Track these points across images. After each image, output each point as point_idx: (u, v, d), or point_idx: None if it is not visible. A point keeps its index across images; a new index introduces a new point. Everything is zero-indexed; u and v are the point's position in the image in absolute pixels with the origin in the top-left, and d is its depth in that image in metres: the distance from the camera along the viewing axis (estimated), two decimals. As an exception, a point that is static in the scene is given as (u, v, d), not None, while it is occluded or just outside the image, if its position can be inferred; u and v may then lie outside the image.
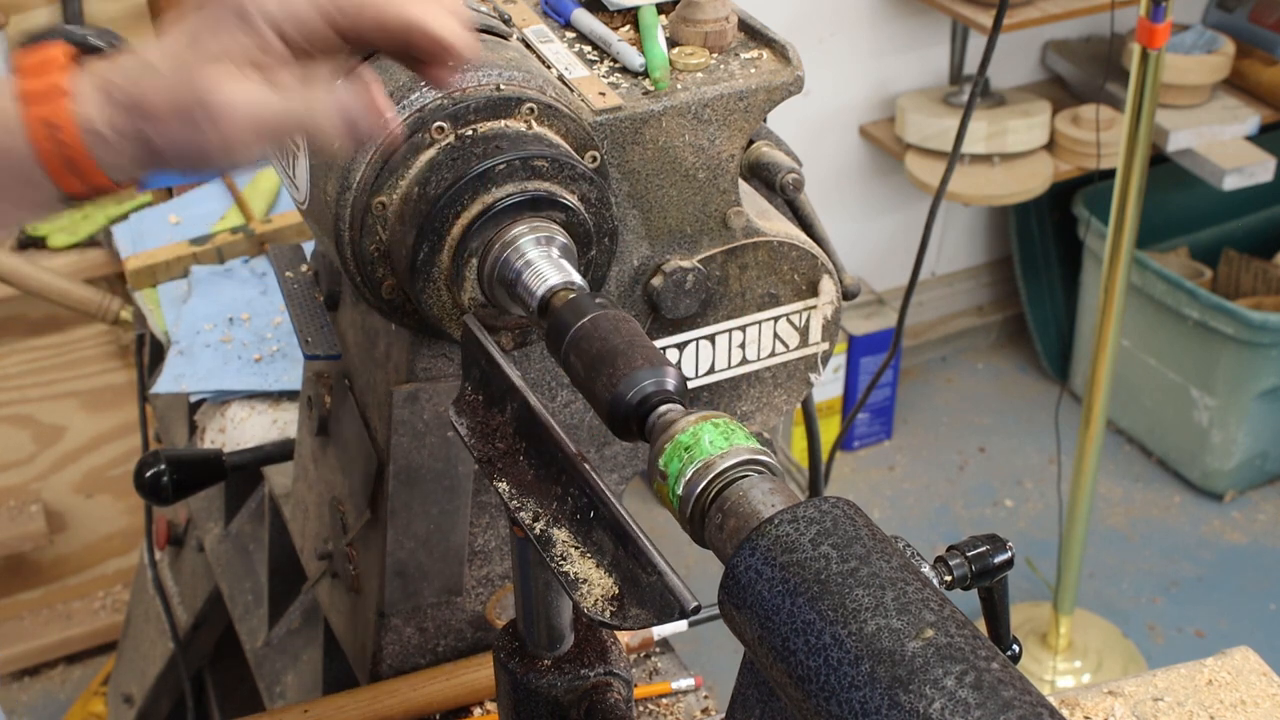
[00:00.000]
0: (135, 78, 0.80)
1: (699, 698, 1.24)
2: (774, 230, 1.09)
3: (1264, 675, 1.17)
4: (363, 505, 1.15)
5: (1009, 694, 0.60)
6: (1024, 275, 3.57)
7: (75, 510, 2.73)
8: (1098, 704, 1.15)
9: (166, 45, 0.81)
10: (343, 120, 0.80)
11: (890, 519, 3.22)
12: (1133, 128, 2.31)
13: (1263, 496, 3.29)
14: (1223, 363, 3.12)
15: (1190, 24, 3.31)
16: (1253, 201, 3.44)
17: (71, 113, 0.79)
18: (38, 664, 2.82)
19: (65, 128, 0.79)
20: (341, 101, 0.80)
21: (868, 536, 0.69)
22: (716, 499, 0.75)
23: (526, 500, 0.83)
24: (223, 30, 0.80)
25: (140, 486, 1.37)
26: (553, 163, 0.92)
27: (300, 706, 1.19)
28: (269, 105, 0.79)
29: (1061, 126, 3.19)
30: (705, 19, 1.06)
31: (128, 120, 0.79)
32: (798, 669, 0.66)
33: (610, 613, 0.76)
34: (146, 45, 0.83)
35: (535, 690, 0.95)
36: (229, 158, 0.80)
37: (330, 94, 0.80)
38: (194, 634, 1.69)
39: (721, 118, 1.03)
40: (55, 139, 0.79)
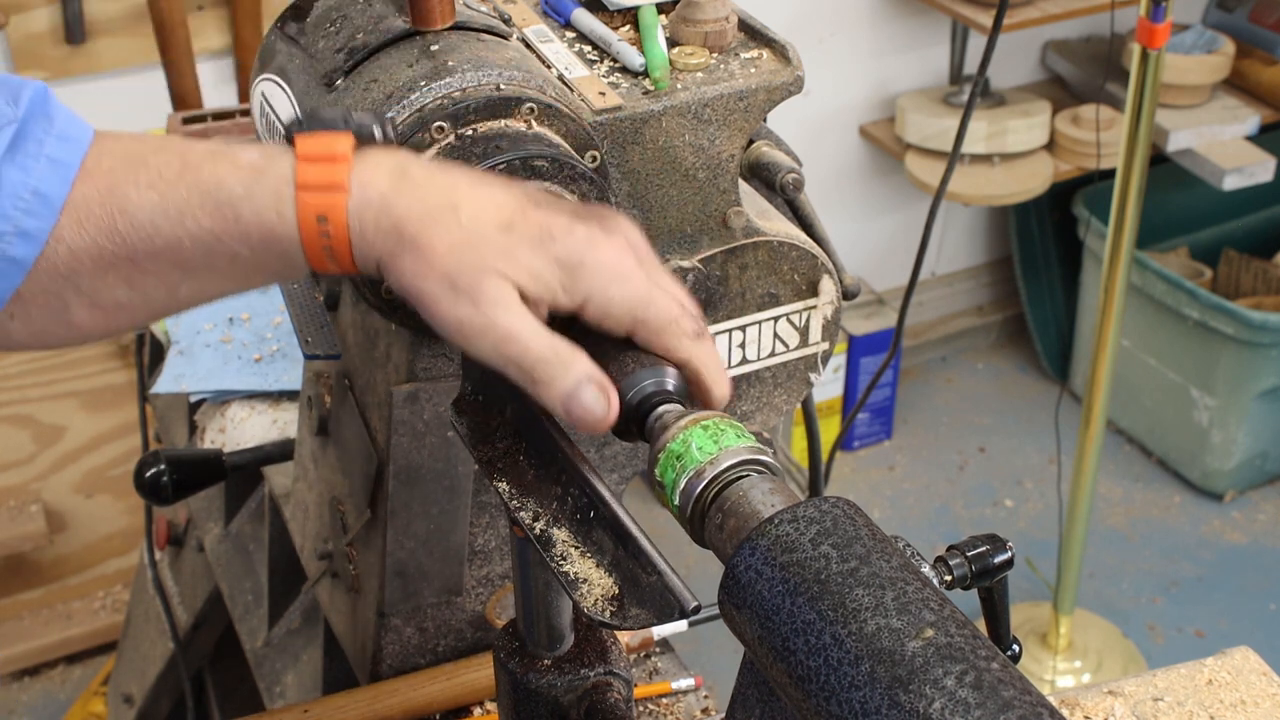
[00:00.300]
0: (429, 209, 0.79)
1: (699, 698, 1.24)
2: (774, 230, 1.09)
3: (1264, 675, 1.17)
4: (363, 505, 1.15)
5: (1009, 694, 0.60)
6: (1024, 275, 3.57)
7: (75, 510, 2.73)
8: (1098, 704, 1.15)
9: (480, 205, 0.80)
10: (570, 399, 0.78)
11: (890, 519, 3.21)
12: (1133, 128, 2.31)
13: (1263, 496, 3.29)
14: (1223, 363, 3.12)
15: (1190, 24, 3.31)
16: (1253, 201, 3.44)
17: (346, 211, 0.79)
18: (38, 664, 2.82)
19: (336, 224, 0.79)
20: (580, 382, 0.79)
21: (868, 536, 0.69)
22: (716, 500, 0.75)
23: (526, 500, 0.83)
24: (541, 251, 0.79)
25: (140, 486, 1.37)
26: (553, 162, 0.92)
27: (300, 706, 1.19)
28: (526, 337, 0.78)
29: (1061, 126, 3.19)
30: (705, 19, 1.06)
31: (395, 241, 0.79)
32: (798, 669, 0.66)
33: (610, 613, 0.76)
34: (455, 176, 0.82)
35: (535, 690, 0.95)
36: (461, 340, 0.80)
37: (577, 368, 0.79)
38: (194, 634, 1.69)
39: (721, 118, 1.03)
40: (323, 230, 0.79)
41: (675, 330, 0.81)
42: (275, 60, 1.03)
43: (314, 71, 0.98)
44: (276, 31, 1.05)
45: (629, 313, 0.81)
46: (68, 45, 2.53)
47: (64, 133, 0.81)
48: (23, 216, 0.79)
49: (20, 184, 0.79)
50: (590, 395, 0.78)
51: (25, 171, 0.79)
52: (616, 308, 0.81)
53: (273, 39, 1.05)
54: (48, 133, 0.80)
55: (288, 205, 0.79)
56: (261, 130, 1.06)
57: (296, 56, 1.01)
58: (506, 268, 0.79)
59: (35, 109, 0.81)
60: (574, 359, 0.79)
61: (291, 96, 1.00)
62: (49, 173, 0.79)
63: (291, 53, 1.02)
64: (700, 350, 0.82)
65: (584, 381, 0.78)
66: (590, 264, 0.80)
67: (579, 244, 0.80)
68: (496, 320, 0.78)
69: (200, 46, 2.46)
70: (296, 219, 0.79)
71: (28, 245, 0.79)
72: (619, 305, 0.81)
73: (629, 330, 0.81)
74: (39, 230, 0.79)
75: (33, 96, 0.81)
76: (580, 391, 0.78)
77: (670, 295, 0.82)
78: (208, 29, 2.57)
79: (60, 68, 2.55)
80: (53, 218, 0.79)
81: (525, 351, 0.78)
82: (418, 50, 0.95)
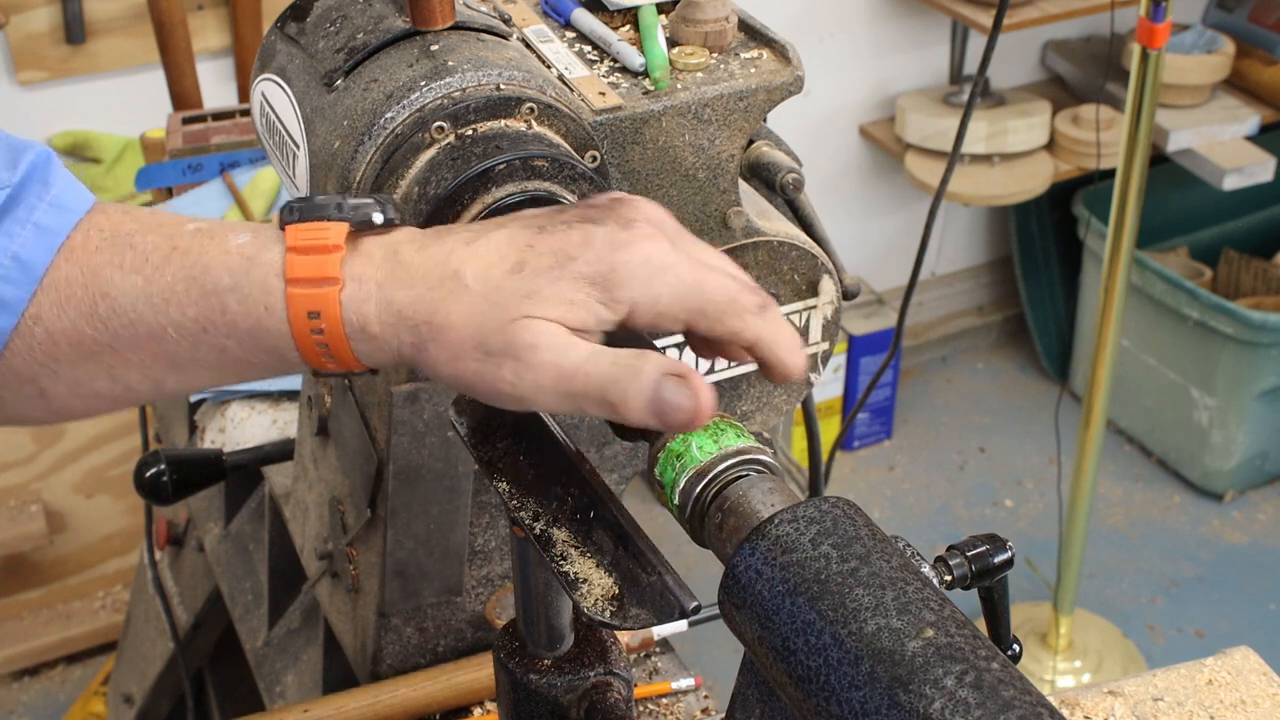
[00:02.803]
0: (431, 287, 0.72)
1: (699, 698, 1.24)
2: (774, 230, 1.09)
3: (1264, 675, 1.17)
4: (363, 505, 1.15)
5: (1009, 694, 0.60)
6: (1024, 275, 3.57)
7: (75, 510, 2.73)
8: (1098, 704, 1.15)
9: (483, 260, 0.73)
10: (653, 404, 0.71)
11: (890, 519, 3.22)
12: (1133, 128, 2.31)
13: (1263, 496, 3.29)
14: (1223, 363, 3.12)
15: (1190, 24, 3.31)
16: (1253, 201, 3.45)
17: (340, 304, 0.73)
18: (38, 664, 2.82)
19: (330, 320, 0.73)
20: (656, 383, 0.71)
21: (868, 536, 0.69)
22: (715, 499, 0.75)
23: (526, 500, 0.83)
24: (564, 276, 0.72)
25: (140, 486, 1.37)
26: (553, 162, 0.92)
27: (300, 706, 1.19)
28: (582, 366, 0.71)
29: (1061, 126, 3.19)
30: (705, 19, 1.06)
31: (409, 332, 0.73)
32: (798, 669, 0.66)
33: (610, 613, 0.76)
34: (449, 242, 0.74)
35: (535, 690, 0.95)
36: (518, 402, 0.73)
37: (647, 370, 0.71)
38: (194, 634, 1.69)
39: (721, 118, 1.03)
40: (316, 327, 0.73)
41: (737, 309, 0.74)
42: (275, 60, 1.03)
43: (314, 71, 0.98)
44: (276, 31, 1.05)
45: (682, 306, 0.73)
46: (68, 45, 2.53)
47: (58, 200, 0.77)
48: (1, 284, 0.75)
49: (2, 249, 0.75)
50: (672, 390, 0.71)
51: (9, 237, 0.75)
52: (667, 304, 0.73)
53: (273, 39, 1.05)
54: (41, 199, 0.76)
55: (277, 299, 0.74)
56: (261, 130, 1.06)
57: (296, 56, 1.01)
58: (533, 308, 0.71)
59: (33, 174, 0.77)
60: (640, 361, 0.71)
61: (291, 96, 1.00)
62: (33, 240, 0.75)
63: (291, 53, 1.02)
64: (769, 325, 0.75)
65: (659, 380, 0.71)
66: (622, 268, 0.72)
67: (601, 251, 0.72)
68: (545, 364, 0.71)
69: (200, 46, 2.46)
70: (287, 315, 0.73)
71: (3, 314, 0.75)
72: (669, 301, 0.73)
73: (688, 324, 0.74)
74: (15, 299, 0.75)
75: (33, 161, 0.77)
76: (661, 392, 0.70)
77: (720, 271, 0.75)
78: (208, 29, 2.57)
79: (60, 68, 2.55)
80: (31, 286, 0.75)
81: (588, 380, 0.71)
82: (418, 50, 0.95)
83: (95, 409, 0.80)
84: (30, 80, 2.55)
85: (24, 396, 0.78)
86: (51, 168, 0.78)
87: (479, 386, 0.73)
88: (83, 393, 0.78)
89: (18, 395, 0.78)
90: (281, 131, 1.01)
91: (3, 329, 0.75)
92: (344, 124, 0.93)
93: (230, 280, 0.74)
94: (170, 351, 0.76)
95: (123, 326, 0.75)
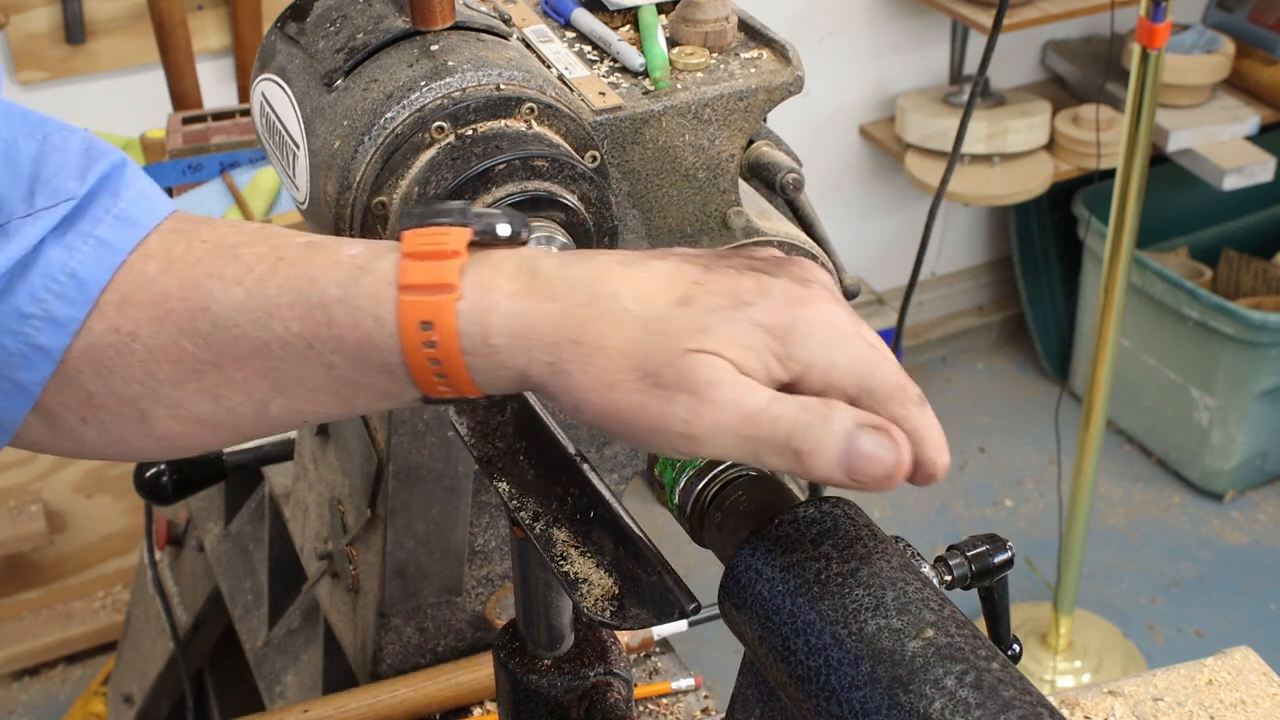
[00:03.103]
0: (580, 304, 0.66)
1: (699, 698, 1.24)
2: (774, 230, 1.09)
3: (1264, 675, 1.17)
4: (363, 505, 1.15)
5: (1009, 694, 0.60)
6: (1024, 275, 3.57)
7: (75, 510, 2.73)
8: (1098, 704, 1.15)
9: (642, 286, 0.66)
10: (847, 455, 0.64)
11: (890, 519, 3.21)
12: (1133, 128, 2.31)
13: (1263, 496, 3.29)
14: (1223, 363, 3.12)
15: (1190, 24, 3.31)
16: (1253, 201, 3.45)
17: (455, 314, 0.66)
18: (38, 664, 2.82)
19: (444, 332, 0.66)
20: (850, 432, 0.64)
21: (868, 537, 0.69)
22: (715, 499, 0.75)
23: (526, 500, 0.83)
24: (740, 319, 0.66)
25: (140, 486, 1.37)
26: (553, 162, 0.92)
27: (300, 706, 1.19)
28: (768, 408, 0.65)
29: (1061, 126, 3.19)
30: (705, 19, 1.06)
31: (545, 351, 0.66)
32: (798, 669, 0.66)
33: (610, 613, 0.76)
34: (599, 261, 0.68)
35: (535, 690, 0.95)
36: (686, 442, 0.66)
37: (840, 418, 0.65)
38: (194, 634, 1.69)
39: (721, 118, 1.03)
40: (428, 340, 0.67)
41: (903, 396, 0.67)
42: (275, 60, 1.03)
43: (314, 71, 0.98)
44: (276, 31, 1.05)
45: (855, 379, 0.66)
46: (68, 45, 2.53)
47: (125, 214, 0.72)
48: (54, 301, 0.70)
49: (59, 264, 0.70)
50: (870, 442, 0.64)
51: (69, 251, 0.70)
52: (841, 374, 0.66)
53: (273, 39, 1.05)
54: (107, 212, 0.72)
55: (387, 309, 0.67)
56: (261, 130, 1.06)
57: (296, 56, 1.01)
58: (708, 343, 0.65)
59: (104, 185, 0.72)
60: (830, 409, 0.65)
61: (291, 96, 1.00)
62: (93, 256, 0.70)
63: (291, 53, 1.02)
64: (925, 418, 0.68)
65: (855, 430, 0.64)
66: (803, 325, 0.66)
67: (781, 303, 0.66)
68: (727, 404, 0.64)
69: (200, 46, 2.46)
70: (397, 325, 0.67)
71: (57, 333, 0.70)
72: (844, 371, 0.66)
73: (852, 400, 0.67)
74: (69, 318, 0.70)
75: (106, 171, 0.72)
76: (857, 443, 0.64)
77: (887, 354, 0.69)
78: (208, 29, 2.57)
79: (60, 68, 2.55)
80: (86, 306, 0.70)
81: (775, 425, 0.64)
82: (418, 50, 0.95)
83: (197, 437, 0.74)
84: (30, 80, 2.55)
85: (125, 420, 0.73)
86: (123, 176, 0.74)
87: (637, 420, 0.66)
88: (184, 416, 0.73)
89: (119, 418, 0.73)
90: (281, 131, 1.01)
91: (54, 348, 0.71)
92: (344, 124, 0.93)
93: (338, 291, 0.68)
94: (275, 370, 0.70)
95: (225, 342, 0.70)
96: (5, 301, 0.70)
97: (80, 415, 0.73)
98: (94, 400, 0.72)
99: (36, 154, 0.72)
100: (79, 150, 0.73)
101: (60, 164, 0.72)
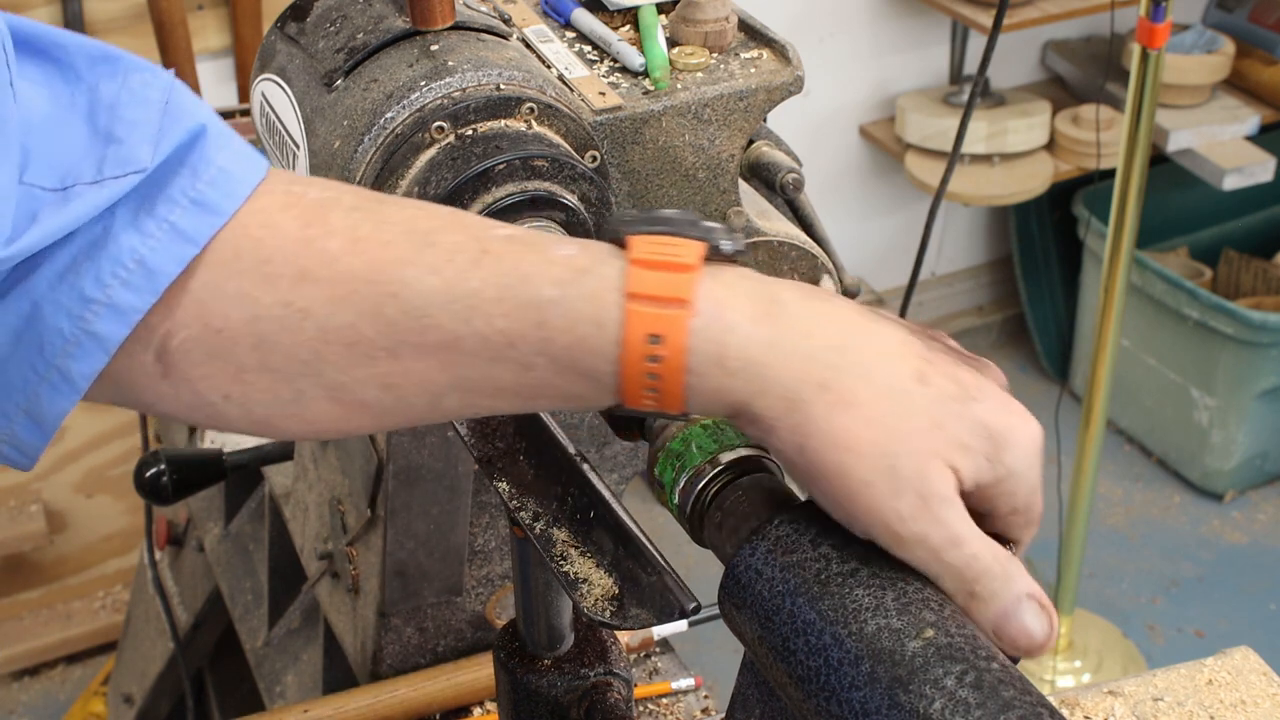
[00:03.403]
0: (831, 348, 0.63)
1: (699, 698, 1.24)
2: (774, 230, 1.09)
3: (1264, 675, 1.17)
4: (363, 505, 1.15)
5: (1009, 694, 0.60)
6: (1024, 275, 3.57)
7: (75, 510, 2.73)
8: (1098, 704, 1.15)
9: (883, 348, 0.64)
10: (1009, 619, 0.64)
11: (890, 519, 3.21)
12: (1133, 128, 2.31)
13: (1263, 496, 3.29)
14: (1223, 363, 3.12)
15: (1190, 24, 3.31)
16: (1253, 201, 3.45)
17: (688, 333, 0.63)
18: (38, 664, 2.82)
19: (672, 348, 0.63)
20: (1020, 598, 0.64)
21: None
22: (715, 499, 0.75)
23: (526, 500, 0.83)
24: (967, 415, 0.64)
25: (140, 486, 1.37)
26: (553, 162, 0.92)
27: (300, 706, 1.19)
28: (973, 543, 0.64)
29: (1061, 126, 3.19)
30: (705, 19, 1.06)
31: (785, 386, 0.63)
32: (798, 669, 0.66)
33: (610, 613, 0.76)
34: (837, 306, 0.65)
35: (535, 690, 0.95)
36: (880, 529, 0.64)
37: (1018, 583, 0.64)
38: (194, 634, 1.69)
39: (721, 118, 1.03)
40: (652, 354, 0.63)
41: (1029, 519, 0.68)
42: (275, 60, 1.03)
43: (314, 71, 0.99)
44: (276, 31, 1.05)
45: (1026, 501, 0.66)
46: (68, 45, 2.53)
47: (203, 198, 0.66)
48: (119, 288, 0.65)
49: (129, 249, 0.65)
50: (1031, 615, 0.64)
51: (141, 235, 0.65)
52: (1024, 493, 0.66)
53: (273, 39, 1.05)
54: (185, 194, 0.66)
55: (611, 316, 0.63)
56: (261, 130, 1.06)
57: (296, 56, 1.01)
58: (941, 444, 0.63)
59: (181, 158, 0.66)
60: (1015, 570, 0.65)
61: (291, 96, 1.00)
62: (165, 244, 0.65)
63: (291, 53, 1.02)
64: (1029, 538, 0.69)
65: (1024, 598, 0.64)
66: (1016, 434, 0.65)
67: (998, 404, 0.65)
68: (945, 523, 0.63)
69: (200, 46, 2.46)
70: (621, 335, 0.63)
71: (116, 322, 0.65)
72: (1026, 491, 0.66)
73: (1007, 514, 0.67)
74: (131, 307, 0.65)
75: (183, 141, 0.66)
76: (1020, 610, 0.64)
77: None
78: (208, 29, 2.57)
79: (60, 68, 2.55)
80: (152, 297, 0.65)
81: (973, 561, 0.64)
82: (418, 50, 0.95)
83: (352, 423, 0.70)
84: (30, 80, 2.54)
85: (276, 399, 0.68)
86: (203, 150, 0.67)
87: (856, 492, 0.63)
88: (345, 400, 0.68)
89: (269, 397, 0.68)
90: (281, 131, 1.01)
91: (112, 337, 0.65)
92: (344, 124, 0.93)
93: (555, 292, 0.64)
94: (460, 365, 0.66)
95: (411, 332, 0.65)
96: (66, 281, 0.65)
97: (224, 392, 0.68)
98: (244, 376, 0.68)
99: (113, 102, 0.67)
100: (158, 106, 0.67)
101: (135, 121, 0.66)
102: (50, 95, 0.67)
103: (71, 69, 0.68)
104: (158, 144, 0.65)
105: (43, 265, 0.65)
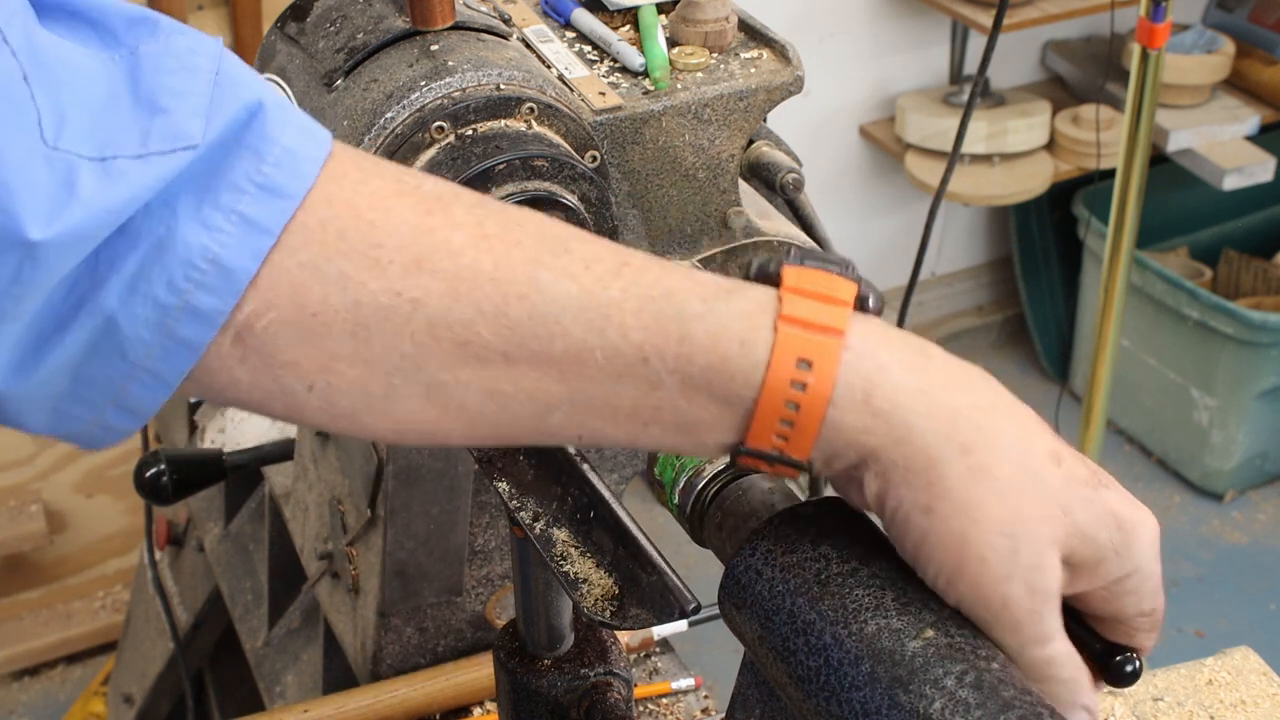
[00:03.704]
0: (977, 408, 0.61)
1: (699, 698, 1.24)
2: (774, 230, 1.09)
3: (1264, 675, 1.17)
4: (363, 505, 1.15)
5: (1009, 694, 0.60)
6: (1024, 275, 3.57)
7: (75, 510, 2.73)
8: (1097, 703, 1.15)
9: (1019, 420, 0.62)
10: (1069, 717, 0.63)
11: (890, 519, 3.21)
12: (1133, 128, 2.31)
13: (1263, 496, 3.29)
14: (1223, 363, 3.12)
15: (1190, 24, 3.31)
16: (1253, 201, 3.44)
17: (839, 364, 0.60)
18: (38, 664, 2.82)
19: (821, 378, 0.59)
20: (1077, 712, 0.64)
21: (868, 537, 0.69)
22: (715, 499, 0.75)
23: (526, 500, 0.83)
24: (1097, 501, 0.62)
25: (140, 486, 1.37)
26: (553, 162, 0.92)
27: (300, 706, 1.19)
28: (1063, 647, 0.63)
29: (1061, 126, 3.19)
30: (705, 19, 1.06)
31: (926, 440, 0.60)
32: (798, 669, 0.66)
33: (610, 613, 0.76)
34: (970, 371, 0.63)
35: (535, 690, 0.95)
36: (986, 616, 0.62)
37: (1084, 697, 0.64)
38: (194, 634, 1.69)
39: (721, 118, 1.03)
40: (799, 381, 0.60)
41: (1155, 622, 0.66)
42: (275, 60, 1.03)
43: (314, 71, 0.99)
44: (276, 31, 1.05)
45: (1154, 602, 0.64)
46: (68, 45, 2.53)
47: (270, 182, 0.60)
48: (196, 291, 0.59)
49: (200, 248, 0.59)
50: None
51: (206, 230, 0.59)
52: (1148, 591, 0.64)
53: (273, 39, 1.05)
54: (250, 179, 0.60)
55: (762, 336, 0.60)
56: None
57: (296, 56, 1.01)
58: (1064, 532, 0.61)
59: (239, 136, 0.60)
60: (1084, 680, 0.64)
61: (291, 96, 1.00)
62: (238, 239, 0.60)
63: (291, 53, 1.02)
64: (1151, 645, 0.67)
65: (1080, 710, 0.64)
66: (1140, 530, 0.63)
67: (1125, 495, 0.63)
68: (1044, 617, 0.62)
69: (200, 46, 2.46)
70: (769, 356, 0.60)
71: (200, 326, 0.60)
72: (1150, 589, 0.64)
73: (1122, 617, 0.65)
74: (214, 310, 0.60)
75: (238, 117, 0.60)
76: None
77: None
78: (208, 29, 2.57)
79: (60, 68, 2.55)
80: (234, 298, 0.60)
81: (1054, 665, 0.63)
82: (418, 50, 0.95)
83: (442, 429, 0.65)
84: (30, 80, 2.55)
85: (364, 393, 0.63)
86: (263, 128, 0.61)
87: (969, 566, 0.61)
88: (442, 402, 0.63)
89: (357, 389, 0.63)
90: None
91: (197, 339, 0.60)
92: (344, 124, 0.93)
93: (702, 307, 0.61)
94: (581, 378, 0.62)
95: (536, 337, 0.61)
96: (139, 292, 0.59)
97: (309, 382, 0.63)
98: (335, 365, 0.62)
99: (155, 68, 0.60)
100: (207, 75, 0.60)
101: (182, 91, 0.60)
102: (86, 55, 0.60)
103: (109, 30, 0.61)
104: (209, 118, 0.59)
105: (109, 279, 0.59)
